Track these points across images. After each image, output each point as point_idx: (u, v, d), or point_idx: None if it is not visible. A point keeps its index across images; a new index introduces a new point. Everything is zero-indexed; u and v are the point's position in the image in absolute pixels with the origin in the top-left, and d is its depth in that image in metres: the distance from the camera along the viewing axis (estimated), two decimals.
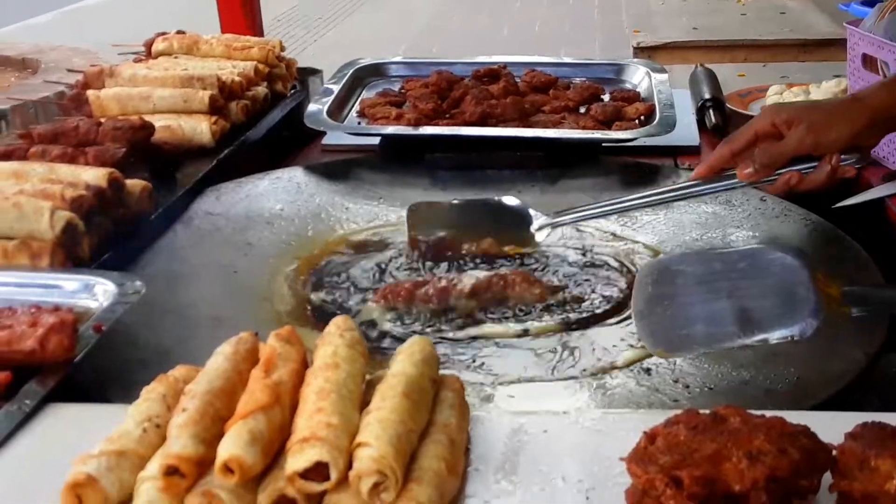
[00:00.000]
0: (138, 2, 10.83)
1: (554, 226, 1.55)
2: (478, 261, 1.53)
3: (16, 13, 9.99)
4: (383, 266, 1.55)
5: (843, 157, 1.45)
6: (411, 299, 1.41)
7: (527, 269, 1.49)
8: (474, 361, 1.28)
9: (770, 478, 0.79)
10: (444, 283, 1.43)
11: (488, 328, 1.35)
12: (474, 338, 1.34)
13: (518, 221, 1.55)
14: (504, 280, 1.44)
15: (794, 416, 0.92)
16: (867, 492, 0.81)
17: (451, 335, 1.34)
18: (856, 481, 0.82)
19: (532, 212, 1.57)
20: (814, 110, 1.46)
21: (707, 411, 0.88)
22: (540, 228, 1.54)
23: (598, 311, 1.40)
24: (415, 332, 1.34)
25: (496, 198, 1.63)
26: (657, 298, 1.17)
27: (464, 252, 1.53)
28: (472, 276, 1.44)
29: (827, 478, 0.84)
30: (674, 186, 1.58)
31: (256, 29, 3.01)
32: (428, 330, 1.36)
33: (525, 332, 1.34)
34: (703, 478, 0.79)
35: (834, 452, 0.85)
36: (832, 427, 0.89)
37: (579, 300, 1.42)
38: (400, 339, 1.32)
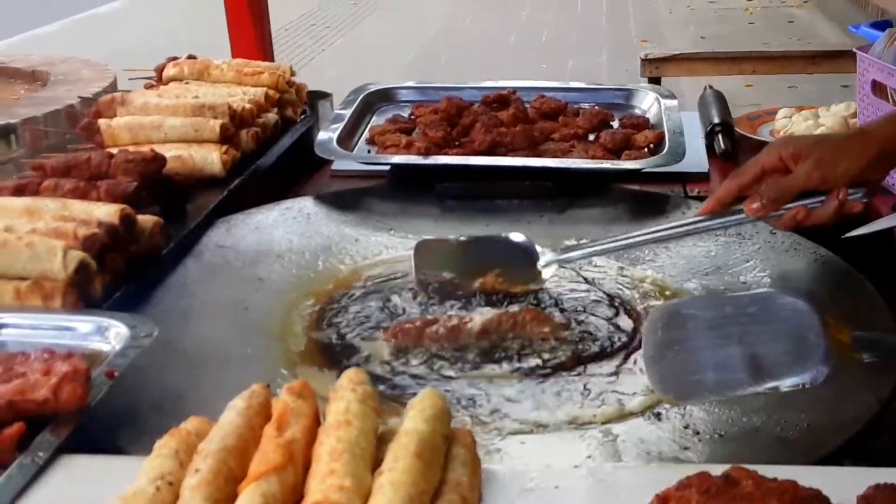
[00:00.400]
0: (146, 10, 10.88)
1: (560, 263, 1.55)
2: (485, 299, 1.53)
3: (25, 22, 10.07)
4: (394, 302, 1.55)
5: (850, 191, 1.45)
6: (421, 338, 1.42)
7: (535, 307, 1.49)
8: (485, 405, 1.28)
9: None
10: (454, 321, 1.43)
11: (497, 370, 1.35)
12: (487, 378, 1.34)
13: (524, 258, 1.55)
14: (514, 318, 1.44)
15: (807, 473, 0.92)
16: None
17: (460, 378, 1.35)
18: None
19: (538, 248, 1.57)
20: (821, 145, 1.46)
21: (719, 472, 0.88)
22: (546, 265, 1.54)
23: (608, 352, 1.40)
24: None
25: (503, 234, 1.62)
26: (668, 343, 1.17)
27: (472, 290, 1.53)
28: (481, 315, 1.44)
29: None
30: (681, 222, 1.58)
31: (266, 47, 3.02)
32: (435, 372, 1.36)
33: (535, 374, 1.34)
34: None
35: None
36: (845, 484, 0.89)
37: (588, 339, 1.42)
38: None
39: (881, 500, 0.85)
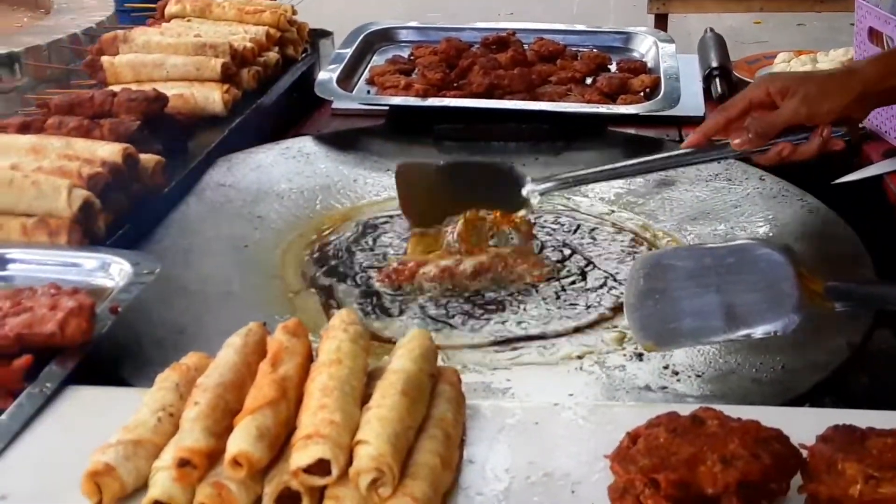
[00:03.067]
0: None
1: (545, 191, 1.56)
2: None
3: None
4: (390, 242, 1.59)
5: (833, 129, 1.46)
6: (414, 278, 1.46)
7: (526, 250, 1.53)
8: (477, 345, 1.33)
9: (741, 482, 0.84)
10: (446, 263, 1.47)
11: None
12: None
13: (510, 184, 1.55)
14: (505, 261, 1.48)
15: (773, 414, 0.97)
16: (833, 495, 0.85)
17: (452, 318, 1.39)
18: (823, 484, 0.86)
19: (527, 177, 1.57)
20: (808, 81, 1.47)
21: (688, 412, 0.93)
22: (532, 192, 1.56)
23: (594, 293, 1.44)
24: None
25: (487, 160, 1.64)
26: (648, 292, 1.20)
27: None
28: (474, 257, 1.48)
29: (797, 480, 0.90)
30: (667, 154, 1.62)
31: None
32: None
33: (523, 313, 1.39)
34: (679, 481, 0.84)
35: (805, 454, 0.91)
36: (807, 425, 0.94)
37: (575, 281, 1.47)
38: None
39: (838, 439, 0.90)
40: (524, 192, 1.56)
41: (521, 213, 1.55)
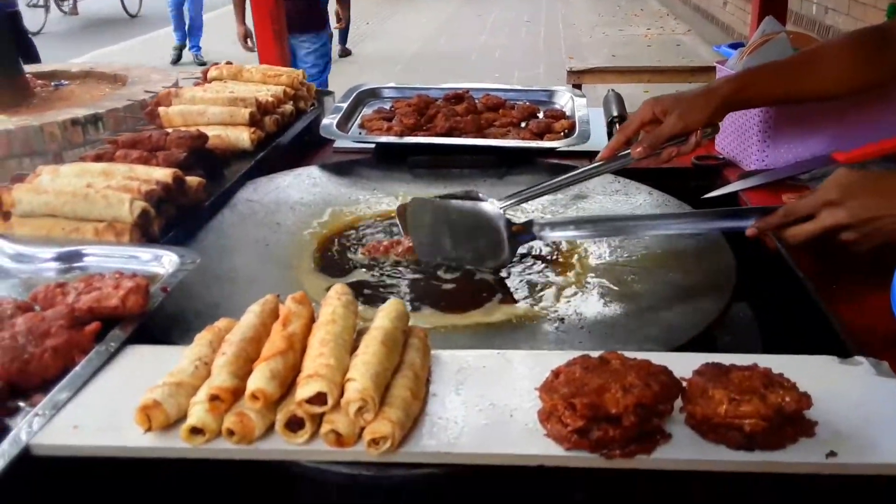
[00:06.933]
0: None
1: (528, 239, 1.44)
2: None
3: (97, 43, 9.90)
4: (372, 239, 1.56)
5: (702, 131, 1.48)
6: (388, 252, 1.47)
7: None
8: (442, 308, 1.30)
9: (637, 404, 0.82)
10: (411, 243, 1.47)
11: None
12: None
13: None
14: None
15: (660, 357, 0.95)
16: (706, 414, 0.84)
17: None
18: (698, 406, 0.85)
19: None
20: (680, 101, 1.48)
21: (597, 355, 0.91)
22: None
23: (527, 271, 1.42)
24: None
25: (472, 202, 1.54)
26: (418, 226, 1.37)
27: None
28: None
29: (679, 403, 0.88)
30: (587, 167, 1.62)
31: (285, 58, 2.99)
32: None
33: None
34: (590, 404, 0.82)
35: (685, 384, 0.89)
36: (687, 364, 0.92)
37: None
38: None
39: (709, 373, 0.88)
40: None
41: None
